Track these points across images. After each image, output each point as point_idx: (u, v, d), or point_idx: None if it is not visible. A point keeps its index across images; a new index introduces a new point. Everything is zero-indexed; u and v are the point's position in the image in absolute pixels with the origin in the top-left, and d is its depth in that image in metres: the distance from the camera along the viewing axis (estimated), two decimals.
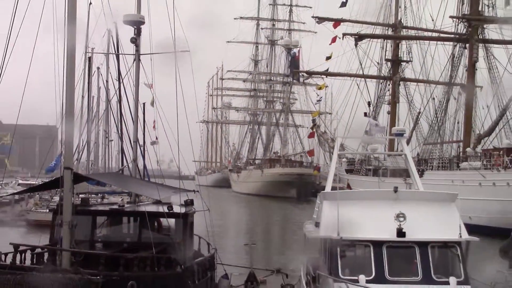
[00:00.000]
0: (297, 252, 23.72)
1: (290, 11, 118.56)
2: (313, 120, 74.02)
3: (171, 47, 18.13)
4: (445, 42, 59.44)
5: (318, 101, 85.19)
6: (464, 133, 56.11)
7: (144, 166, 20.92)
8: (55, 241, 14.30)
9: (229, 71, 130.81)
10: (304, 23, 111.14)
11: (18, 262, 12.22)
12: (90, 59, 39.54)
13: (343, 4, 64.94)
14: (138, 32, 20.24)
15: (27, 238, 30.75)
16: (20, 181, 70.07)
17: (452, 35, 57.81)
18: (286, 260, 27.50)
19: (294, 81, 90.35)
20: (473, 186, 46.41)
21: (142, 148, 20.93)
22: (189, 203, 16.96)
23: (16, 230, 39.59)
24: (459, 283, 13.34)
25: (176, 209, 15.79)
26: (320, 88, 74.24)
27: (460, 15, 56.59)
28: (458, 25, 56.95)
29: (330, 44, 63.60)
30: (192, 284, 14.40)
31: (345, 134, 59.63)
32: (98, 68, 43.19)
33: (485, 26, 55.24)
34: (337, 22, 63.88)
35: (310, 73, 71.68)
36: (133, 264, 12.38)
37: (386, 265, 13.56)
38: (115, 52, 25.88)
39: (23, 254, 12.91)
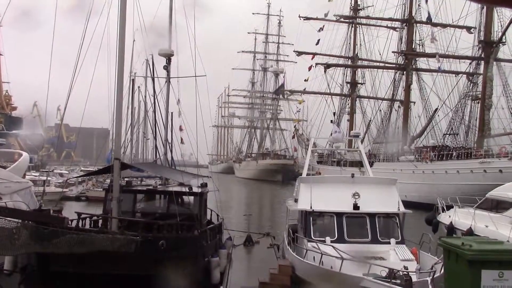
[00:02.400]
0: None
1: (278, 47, 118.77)
2: (295, 126, 74.19)
3: (193, 72, 18.12)
4: (389, 70, 59.63)
5: (297, 111, 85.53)
6: (402, 136, 56.19)
7: (172, 158, 20.80)
8: (107, 211, 14.23)
9: (233, 89, 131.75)
10: (287, 55, 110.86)
11: (80, 226, 12.18)
12: (133, 80, 39.45)
13: (317, 43, 65.32)
14: (169, 62, 20.15)
15: (86, 209, 30.67)
16: (82, 168, 69.84)
17: (394, 65, 57.98)
18: (274, 226, 27.50)
19: (280, 97, 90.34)
20: (408, 173, 46.50)
21: (170, 145, 20.89)
22: (204, 185, 16.87)
23: (78, 203, 39.51)
24: (397, 242, 13.39)
25: (195, 189, 15.74)
26: (299, 103, 74.48)
27: (399, 51, 56.77)
28: (398, 57, 57.30)
29: (309, 70, 63.86)
30: (206, 244, 14.35)
31: (317, 135, 59.86)
32: (139, 87, 43.10)
33: (417, 58, 55.45)
34: (313, 55, 64.08)
35: (292, 92, 71.82)
36: (163, 228, 12.33)
37: (345, 230, 13.58)
38: (151, 75, 25.76)
39: (84, 220, 12.84)
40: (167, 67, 20.16)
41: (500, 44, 45.16)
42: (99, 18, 12.82)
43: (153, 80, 24.17)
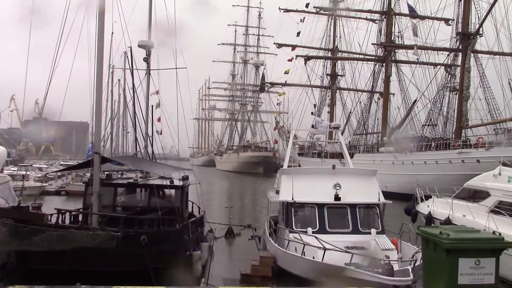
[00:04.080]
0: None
1: (258, 39, 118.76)
2: (275, 118, 74.38)
3: (173, 65, 18.00)
4: (368, 62, 60.03)
5: (278, 104, 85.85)
6: (381, 127, 56.67)
7: (152, 151, 20.71)
8: (87, 206, 14.08)
9: (214, 82, 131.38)
10: (268, 47, 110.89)
11: (60, 222, 12.05)
12: (112, 73, 39.13)
13: (297, 34, 65.31)
14: (148, 54, 20.00)
15: (66, 204, 30.35)
16: (62, 162, 69.06)
17: (373, 57, 58.34)
18: (255, 218, 27.59)
19: (261, 90, 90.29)
20: (388, 164, 46.98)
21: (150, 138, 20.77)
22: (185, 178, 16.83)
23: (58, 198, 39.10)
24: (377, 233, 13.55)
25: (176, 182, 15.67)
26: (280, 95, 74.66)
27: (378, 42, 57.13)
28: (377, 49, 57.61)
29: (290, 62, 63.91)
30: (187, 237, 14.32)
31: (297, 127, 59.90)
32: (119, 80, 42.84)
33: (396, 50, 55.87)
34: (293, 47, 64.13)
35: (273, 84, 71.74)
36: (144, 223, 12.26)
37: (326, 221, 13.68)
38: (130, 68, 25.51)
39: (63, 216, 12.70)
40: (147, 59, 20.02)
41: (478, 36, 45.65)
42: (77, 10, 12.65)
43: (132, 72, 23.94)
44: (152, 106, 22.07)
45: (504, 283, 11.88)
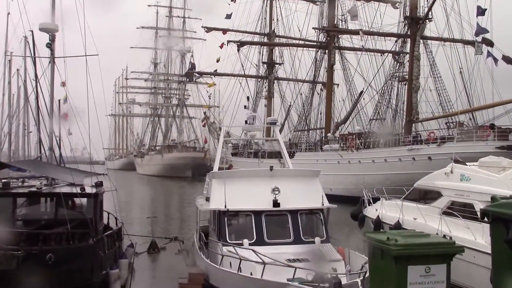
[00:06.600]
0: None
1: (184, 22, 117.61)
2: (204, 113, 74.04)
3: (82, 52, 17.63)
4: (309, 48, 61.01)
5: (208, 96, 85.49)
6: (325, 122, 57.80)
7: (60, 154, 20.13)
8: None
9: (132, 72, 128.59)
10: (195, 32, 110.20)
11: None
12: (10, 61, 37.68)
13: (228, 17, 65.38)
14: (52, 38, 19.42)
15: None
16: None
17: (315, 43, 59.40)
18: (182, 229, 27.45)
19: (188, 79, 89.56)
20: (333, 164, 48.04)
21: (57, 138, 20.18)
22: (99, 184, 16.52)
23: None
24: (322, 241, 13.86)
25: (88, 189, 15.33)
26: (210, 86, 74.29)
27: (320, 27, 58.25)
28: (319, 35, 58.77)
29: (221, 47, 63.75)
30: (103, 254, 14.07)
31: (230, 123, 60.04)
32: (17, 69, 41.25)
33: (339, 36, 57.10)
34: (224, 31, 64.17)
35: (201, 73, 71.40)
36: (50, 239, 11.93)
37: (265, 231, 13.83)
38: (32, 55, 24.64)
39: None
40: (50, 45, 19.44)
41: (427, 21, 47.40)
42: None
43: (34, 60, 23.15)
44: (59, 100, 21.47)
45: None
